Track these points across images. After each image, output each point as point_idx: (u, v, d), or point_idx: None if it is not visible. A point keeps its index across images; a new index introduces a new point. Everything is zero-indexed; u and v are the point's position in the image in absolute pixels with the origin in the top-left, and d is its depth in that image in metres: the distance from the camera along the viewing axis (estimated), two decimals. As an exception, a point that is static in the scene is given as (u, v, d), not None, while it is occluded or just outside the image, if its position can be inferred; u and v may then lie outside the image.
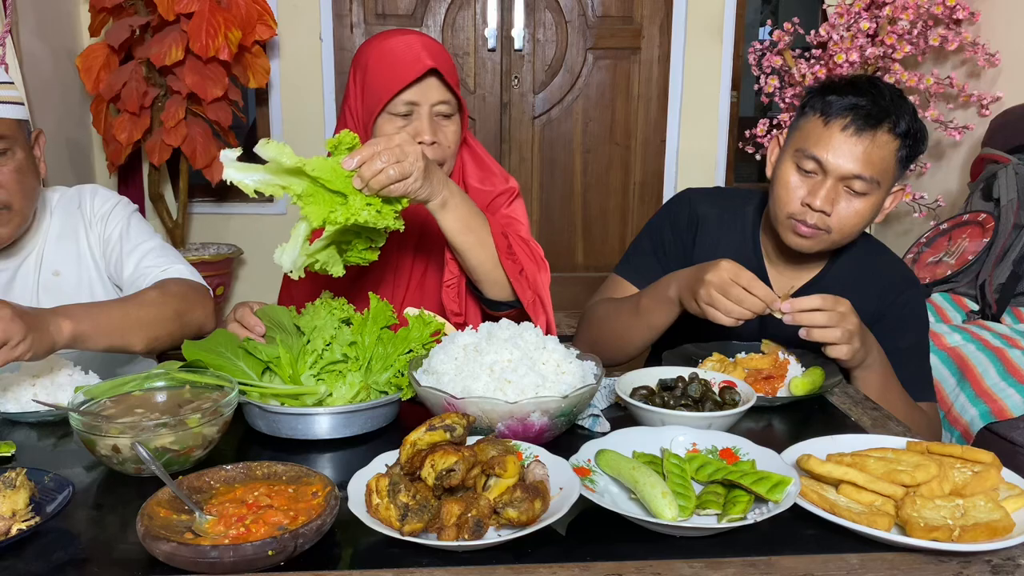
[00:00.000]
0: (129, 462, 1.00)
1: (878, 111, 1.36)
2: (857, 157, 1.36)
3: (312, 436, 1.13)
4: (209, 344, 1.19)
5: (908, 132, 1.38)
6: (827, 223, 1.40)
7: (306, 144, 4.07)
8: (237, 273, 4.12)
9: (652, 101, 4.26)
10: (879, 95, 1.38)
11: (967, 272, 2.53)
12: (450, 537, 0.83)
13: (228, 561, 0.78)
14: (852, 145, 1.36)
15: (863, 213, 1.41)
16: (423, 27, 4.07)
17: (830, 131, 1.38)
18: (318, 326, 1.22)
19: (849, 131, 1.37)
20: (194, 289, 1.48)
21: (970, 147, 3.35)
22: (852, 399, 1.34)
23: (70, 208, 1.55)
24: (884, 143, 1.37)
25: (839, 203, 1.39)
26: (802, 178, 1.42)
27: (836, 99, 1.39)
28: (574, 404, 1.08)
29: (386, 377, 1.21)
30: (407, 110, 1.45)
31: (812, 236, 1.43)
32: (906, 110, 1.39)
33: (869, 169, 1.37)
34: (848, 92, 1.39)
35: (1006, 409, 1.93)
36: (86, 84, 3.44)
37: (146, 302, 1.39)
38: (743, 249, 1.58)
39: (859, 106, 1.37)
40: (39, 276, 1.50)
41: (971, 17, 3.28)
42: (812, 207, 1.39)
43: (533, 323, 1.33)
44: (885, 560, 0.85)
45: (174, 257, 1.54)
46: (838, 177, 1.38)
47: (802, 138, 1.42)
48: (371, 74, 1.46)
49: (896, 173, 1.42)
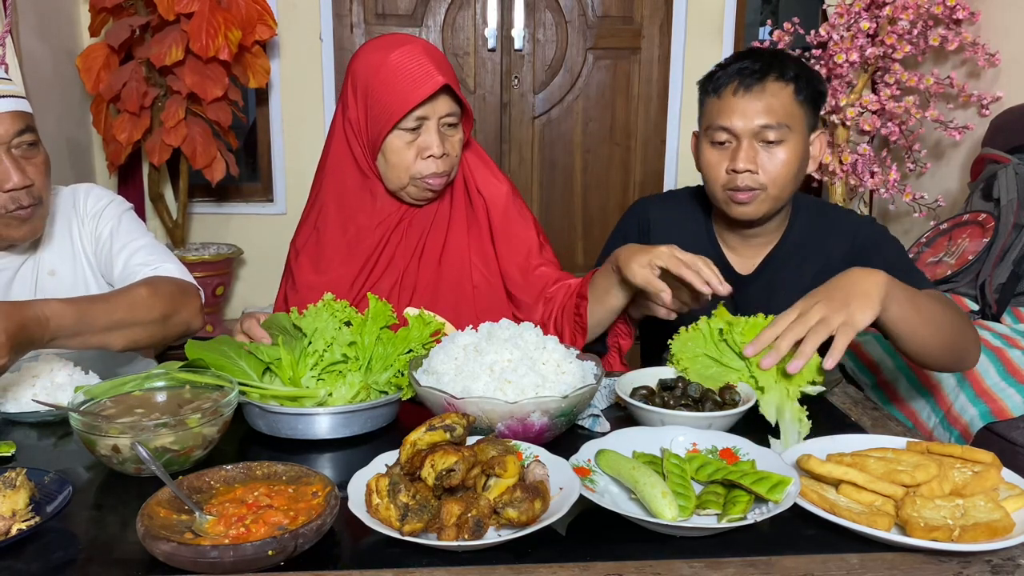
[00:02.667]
0: (129, 462, 1.00)
1: (760, 66, 1.45)
2: (758, 110, 1.44)
3: (312, 436, 1.13)
4: (212, 344, 1.19)
5: (798, 76, 1.46)
6: (759, 181, 1.46)
7: (306, 144, 4.07)
8: (237, 273, 4.12)
9: (652, 101, 4.26)
10: (758, 55, 1.47)
11: (967, 272, 2.53)
12: (450, 537, 0.83)
13: (228, 561, 0.78)
14: (748, 102, 1.44)
15: (789, 160, 1.45)
16: (423, 27, 4.07)
17: (724, 100, 1.46)
18: (319, 328, 1.22)
19: (740, 92, 1.45)
20: (183, 290, 1.46)
21: (970, 147, 3.35)
22: (852, 399, 1.34)
23: (65, 207, 1.55)
24: (777, 90, 1.44)
25: (761, 159, 1.45)
26: (720, 151, 1.49)
27: (720, 72, 1.48)
28: (574, 404, 1.08)
29: (386, 377, 1.21)
30: (417, 124, 1.46)
31: (750, 199, 1.47)
32: (789, 59, 1.48)
33: (772, 116, 1.43)
34: (729, 63, 1.49)
35: (1006, 409, 1.93)
36: (86, 84, 3.44)
37: (134, 302, 1.37)
38: (699, 242, 1.61)
39: (742, 68, 1.45)
40: (37, 276, 1.50)
41: (971, 17, 3.27)
42: (737, 170, 1.45)
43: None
44: (885, 560, 0.85)
45: (164, 255, 1.53)
46: (750, 135, 1.45)
47: (706, 118, 1.51)
48: (379, 90, 1.45)
49: (806, 116, 1.47)
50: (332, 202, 1.56)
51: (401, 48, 1.45)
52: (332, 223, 1.56)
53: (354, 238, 1.54)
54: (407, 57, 1.44)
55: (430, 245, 1.57)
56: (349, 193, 1.55)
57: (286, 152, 4.09)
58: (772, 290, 1.57)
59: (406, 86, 1.43)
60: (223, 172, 3.52)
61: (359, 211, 1.54)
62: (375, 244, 1.54)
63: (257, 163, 4.23)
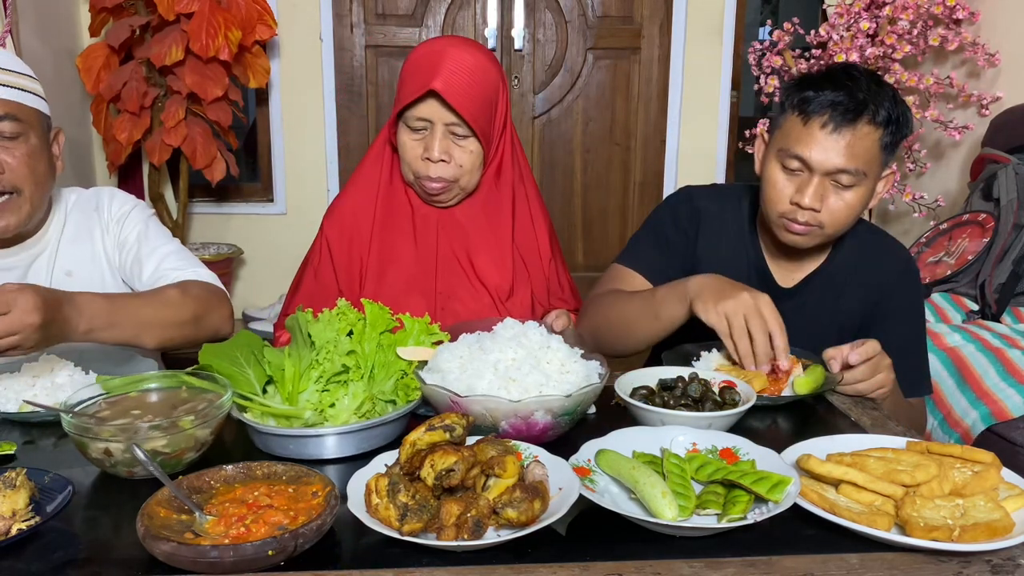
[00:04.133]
0: (121, 465, 0.99)
1: (856, 104, 1.35)
2: (840, 152, 1.36)
3: (306, 456, 1.06)
4: (226, 349, 1.16)
5: (889, 119, 1.37)
6: (818, 219, 1.41)
7: (306, 144, 4.07)
8: (237, 273, 4.12)
9: (652, 101, 4.26)
10: (856, 87, 1.37)
11: (967, 272, 2.53)
12: (449, 537, 0.83)
13: (228, 561, 0.78)
14: (833, 141, 1.36)
15: (853, 205, 1.40)
16: (423, 27, 4.07)
17: (810, 130, 1.37)
18: (329, 339, 1.16)
19: (829, 128, 1.36)
20: (214, 294, 1.48)
21: (970, 147, 3.35)
22: (852, 399, 1.34)
23: (87, 210, 1.55)
24: (865, 134, 1.36)
25: (828, 198, 1.39)
26: (789, 177, 1.42)
27: (813, 95, 1.38)
28: (578, 403, 1.08)
29: (390, 384, 1.17)
30: (421, 125, 1.47)
31: (805, 233, 1.43)
32: (885, 97, 1.37)
33: (853, 162, 1.36)
34: (825, 87, 1.37)
35: (1006, 410, 1.93)
36: (86, 84, 3.45)
37: (166, 301, 1.38)
38: (742, 244, 1.58)
39: (836, 102, 1.36)
40: (52, 275, 1.49)
41: (971, 17, 3.28)
42: (801, 205, 1.39)
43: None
44: (885, 560, 0.85)
45: (194, 261, 1.55)
46: (823, 173, 1.38)
47: (784, 137, 1.42)
48: (401, 81, 1.50)
49: (883, 159, 1.41)
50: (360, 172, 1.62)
51: (432, 47, 1.48)
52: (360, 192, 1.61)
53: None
54: (426, 56, 1.46)
55: (443, 250, 1.59)
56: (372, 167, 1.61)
57: (286, 152, 4.09)
58: (809, 309, 1.54)
59: (407, 83, 1.46)
60: (223, 172, 3.53)
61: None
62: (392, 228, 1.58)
63: (257, 163, 4.23)
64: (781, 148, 1.42)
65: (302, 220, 3.99)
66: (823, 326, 1.53)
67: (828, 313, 1.54)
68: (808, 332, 1.44)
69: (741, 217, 1.60)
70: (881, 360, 1.31)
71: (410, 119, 1.47)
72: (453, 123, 1.46)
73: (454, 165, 1.49)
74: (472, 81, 1.45)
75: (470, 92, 1.45)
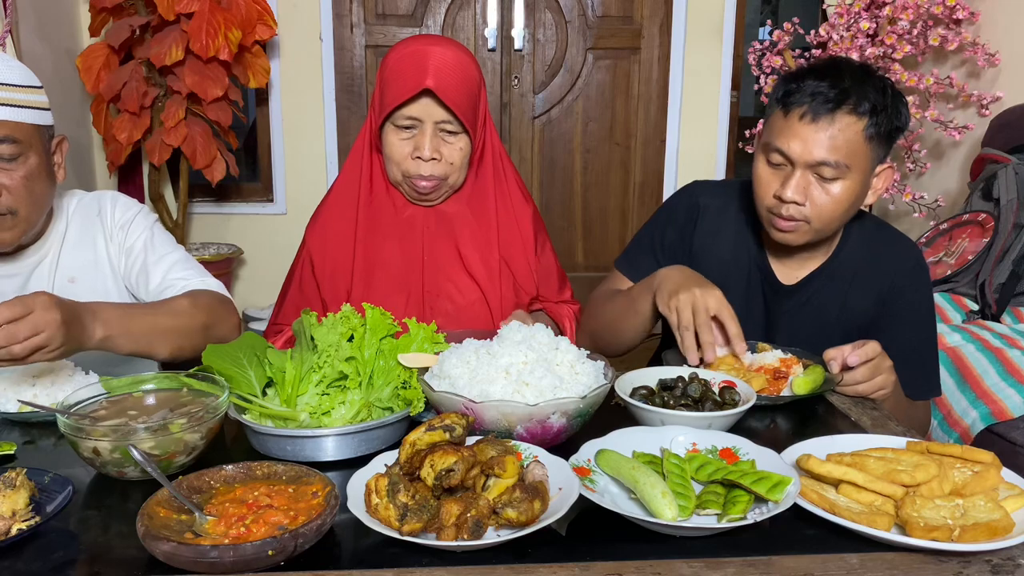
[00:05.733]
0: (110, 465, 0.99)
1: (836, 94, 1.33)
2: (820, 143, 1.33)
3: (303, 459, 1.05)
4: (229, 350, 1.16)
5: (874, 109, 1.34)
6: (804, 213, 1.39)
7: (306, 144, 4.07)
8: (237, 273, 4.12)
9: (652, 101, 4.26)
10: (838, 77, 1.34)
11: (967, 272, 2.53)
12: (449, 537, 0.83)
13: (228, 561, 0.78)
14: (812, 132, 1.34)
15: (840, 199, 1.38)
16: (423, 27, 4.07)
17: (789, 121, 1.36)
18: (332, 343, 1.15)
19: (807, 119, 1.34)
20: (223, 303, 1.48)
21: (970, 147, 3.35)
22: (852, 399, 1.33)
23: (89, 215, 1.54)
24: (846, 125, 1.33)
25: (812, 191, 1.37)
26: (773, 171, 1.41)
27: (795, 87, 1.36)
28: (591, 404, 1.08)
29: (388, 392, 1.15)
30: (410, 124, 1.47)
31: (792, 229, 1.41)
32: (870, 87, 1.35)
33: (834, 154, 1.34)
34: (807, 78, 1.36)
35: (1006, 410, 1.93)
36: (86, 84, 3.44)
37: (177, 311, 1.39)
38: (744, 241, 1.57)
39: (817, 92, 1.34)
40: (54, 282, 1.49)
41: (971, 17, 3.28)
42: (783, 199, 1.38)
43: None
44: (885, 560, 0.85)
45: (200, 270, 1.56)
46: (805, 166, 1.36)
47: (768, 131, 1.42)
48: (384, 82, 1.49)
49: (871, 151, 1.37)
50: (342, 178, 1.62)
51: (416, 46, 1.47)
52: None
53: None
54: (411, 56, 1.45)
55: (429, 248, 1.58)
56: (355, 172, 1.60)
57: (286, 152, 4.09)
58: (813, 307, 1.52)
59: (398, 83, 1.45)
60: (223, 172, 3.53)
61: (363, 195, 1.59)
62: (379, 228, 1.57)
63: (257, 163, 4.23)
64: (765, 142, 1.41)
65: (302, 220, 3.91)
66: (828, 323, 1.52)
67: (833, 310, 1.53)
68: (812, 329, 1.44)
69: (745, 213, 1.59)
70: (881, 362, 1.31)
71: (399, 119, 1.47)
72: (443, 120, 1.46)
73: (444, 163, 1.50)
74: (460, 77, 1.46)
75: (460, 89, 1.46)
